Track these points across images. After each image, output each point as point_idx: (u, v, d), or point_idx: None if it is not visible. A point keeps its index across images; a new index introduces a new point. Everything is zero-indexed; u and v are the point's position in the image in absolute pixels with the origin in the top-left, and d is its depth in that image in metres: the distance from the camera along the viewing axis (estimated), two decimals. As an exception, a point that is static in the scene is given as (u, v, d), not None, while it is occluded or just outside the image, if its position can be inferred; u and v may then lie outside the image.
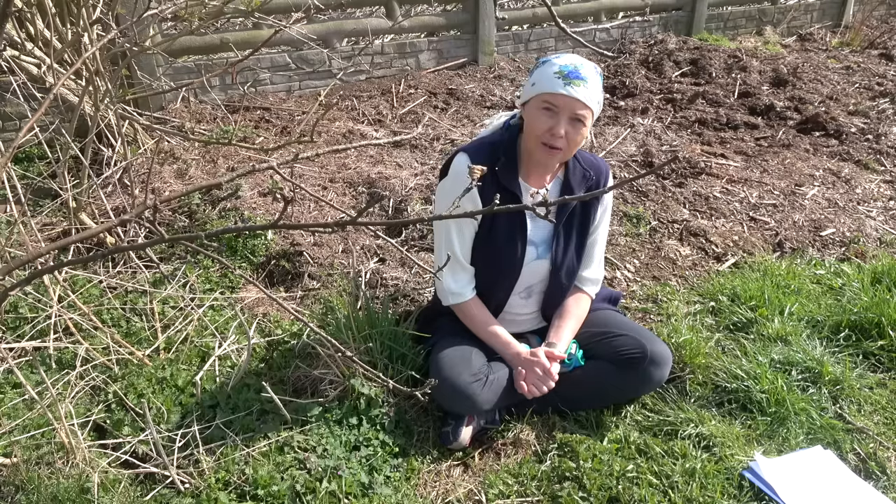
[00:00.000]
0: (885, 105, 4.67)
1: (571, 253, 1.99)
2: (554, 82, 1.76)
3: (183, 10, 2.80)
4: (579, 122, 1.77)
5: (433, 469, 1.86)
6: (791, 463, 1.82)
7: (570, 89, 1.74)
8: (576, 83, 1.74)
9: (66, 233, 2.76)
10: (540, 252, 1.97)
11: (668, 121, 4.38)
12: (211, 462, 1.76)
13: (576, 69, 1.76)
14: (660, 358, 1.93)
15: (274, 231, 2.83)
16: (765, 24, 6.70)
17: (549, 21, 5.49)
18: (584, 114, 1.77)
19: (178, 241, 1.70)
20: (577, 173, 1.94)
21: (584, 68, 1.78)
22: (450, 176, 1.91)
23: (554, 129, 1.77)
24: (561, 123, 1.77)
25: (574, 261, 2.00)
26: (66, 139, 2.44)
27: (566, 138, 1.78)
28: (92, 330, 2.22)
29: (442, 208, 1.96)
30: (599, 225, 2.02)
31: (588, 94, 1.76)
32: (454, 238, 1.94)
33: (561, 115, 1.77)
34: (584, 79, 1.75)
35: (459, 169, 1.88)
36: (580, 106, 1.76)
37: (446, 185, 1.92)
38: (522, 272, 1.96)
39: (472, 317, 2.01)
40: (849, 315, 2.38)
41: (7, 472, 1.71)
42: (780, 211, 3.24)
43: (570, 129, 1.78)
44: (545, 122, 1.78)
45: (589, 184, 1.95)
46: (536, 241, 1.97)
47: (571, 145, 1.81)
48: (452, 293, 1.98)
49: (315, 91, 4.62)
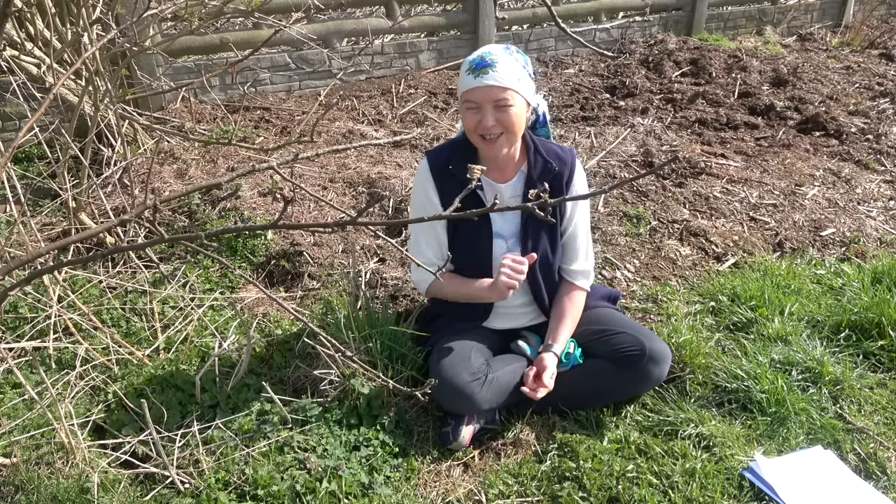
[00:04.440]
0: (885, 105, 4.67)
1: (545, 245, 1.99)
2: (467, 80, 1.80)
3: (183, 10, 2.80)
4: (505, 105, 1.79)
5: (433, 469, 1.86)
6: (791, 463, 1.82)
7: (481, 79, 1.77)
8: (483, 72, 1.77)
9: (65, 233, 2.76)
10: (510, 245, 1.99)
11: (668, 121, 4.38)
12: (211, 462, 1.76)
13: (482, 58, 1.78)
14: (658, 355, 1.93)
15: (274, 231, 2.83)
16: (765, 24, 6.70)
17: (549, 21, 5.49)
18: (505, 96, 1.78)
19: (178, 241, 1.70)
20: (538, 166, 1.95)
21: (492, 53, 1.79)
22: (415, 181, 2.04)
23: (481, 122, 1.80)
24: (487, 115, 1.79)
25: (549, 253, 2.01)
26: (65, 139, 2.44)
27: (500, 124, 1.81)
28: (92, 330, 2.22)
29: (414, 212, 2.07)
30: (573, 217, 2.01)
31: (499, 76, 1.77)
32: (422, 241, 2.02)
33: (483, 107, 1.80)
34: (490, 64, 1.77)
35: (421, 173, 1.99)
36: (496, 91, 1.77)
37: (415, 188, 2.03)
38: (494, 264, 1.98)
39: (447, 286, 2.03)
40: (849, 315, 2.38)
41: (7, 472, 1.71)
42: (781, 211, 3.24)
43: (500, 114, 1.80)
44: (472, 119, 1.82)
45: (551, 175, 1.95)
46: (505, 234, 1.99)
47: (509, 128, 1.82)
48: (416, 281, 2.12)
49: (315, 91, 4.62)
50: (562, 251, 2.04)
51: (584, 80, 5.15)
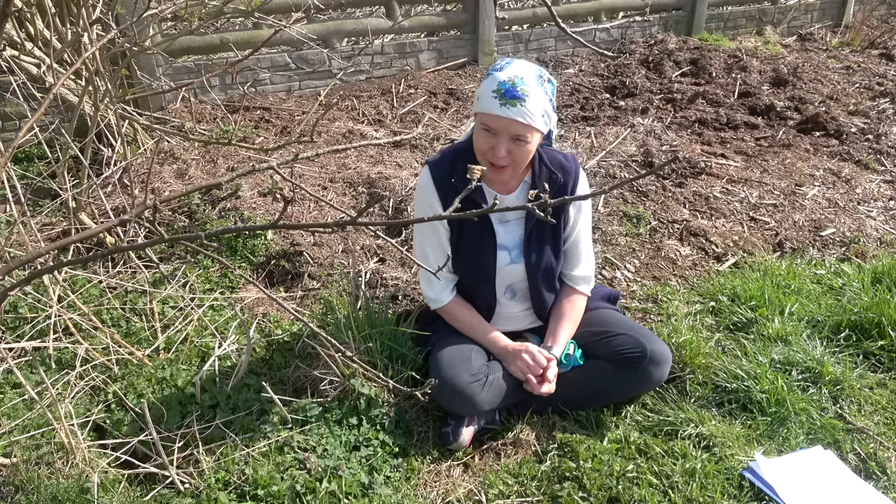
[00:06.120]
0: (885, 105, 4.67)
1: (548, 255, 1.98)
2: (491, 102, 1.71)
3: (183, 10, 2.80)
4: (523, 141, 1.74)
5: (433, 469, 1.86)
6: (791, 463, 1.82)
7: (507, 110, 1.69)
8: (512, 103, 1.68)
9: (65, 233, 2.76)
10: (514, 256, 1.97)
11: (668, 121, 4.38)
12: (211, 462, 1.76)
13: (514, 86, 1.69)
14: (659, 357, 1.93)
15: (274, 231, 2.83)
16: (765, 24, 6.70)
17: (549, 21, 5.49)
18: (524, 133, 1.72)
19: (178, 241, 1.70)
20: (542, 176, 1.92)
21: (525, 83, 1.70)
22: (416, 191, 1.99)
23: (494, 149, 1.75)
24: (501, 145, 1.74)
25: (552, 262, 1.99)
26: (65, 139, 2.44)
27: (510, 156, 1.76)
28: (92, 330, 2.22)
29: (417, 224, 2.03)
30: (576, 224, 2.00)
31: (527, 112, 1.69)
32: (427, 248, 1.98)
33: (500, 136, 1.74)
34: (521, 97, 1.68)
35: (423, 183, 1.95)
36: (518, 127, 1.71)
37: (418, 199, 1.99)
38: (498, 275, 1.97)
39: (456, 318, 2.03)
40: (849, 315, 2.38)
41: (7, 472, 1.71)
42: (781, 211, 3.24)
43: (513, 147, 1.75)
44: (485, 143, 1.77)
45: (556, 186, 1.92)
46: (508, 246, 1.97)
47: (518, 161, 1.79)
48: (431, 300, 2.03)
49: (315, 91, 4.62)
50: (563, 258, 2.04)
51: (584, 79, 5.15)
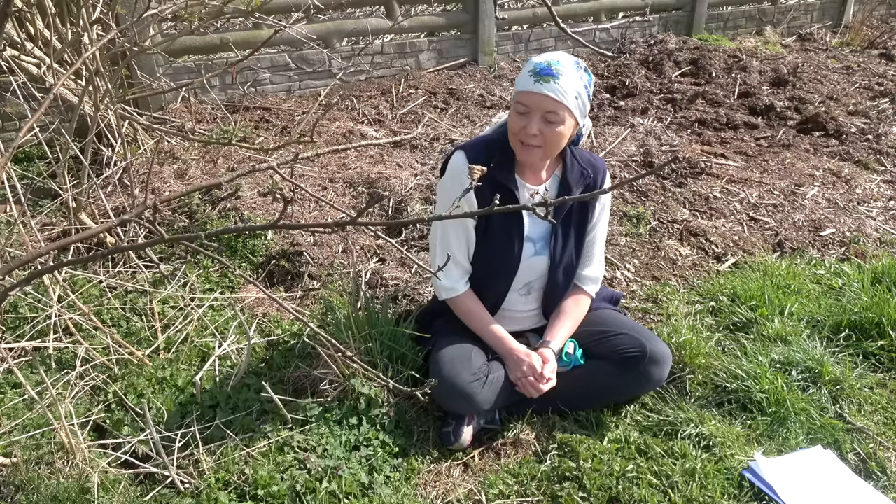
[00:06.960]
0: (885, 105, 4.67)
1: (570, 250, 1.98)
2: (525, 80, 1.77)
3: (183, 10, 2.80)
4: (554, 120, 1.76)
5: (433, 469, 1.86)
6: (791, 463, 1.82)
7: (539, 86, 1.73)
8: (545, 80, 1.73)
9: (66, 233, 2.76)
10: (538, 248, 1.97)
11: (668, 121, 4.38)
12: (211, 462, 1.76)
13: (548, 66, 1.74)
14: (659, 357, 1.93)
15: (274, 231, 2.83)
16: (765, 24, 6.70)
17: (549, 21, 5.49)
18: (557, 109, 1.74)
19: (178, 241, 1.70)
20: (574, 171, 1.94)
21: (560, 63, 1.75)
22: (447, 174, 1.92)
23: (526, 128, 1.77)
24: (533, 123, 1.76)
25: (573, 258, 2.00)
26: (66, 139, 2.44)
27: (542, 136, 1.78)
28: (92, 330, 2.22)
29: (442, 206, 1.97)
30: (598, 223, 2.02)
31: (559, 88, 1.73)
32: (450, 236, 1.95)
33: (532, 114, 1.76)
34: (555, 74, 1.73)
35: (457, 166, 1.89)
36: (550, 102, 1.74)
37: (446, 183, 1.94)
38: (520, 268, 1.96)
39: (467, 311, 2.01)
40: (849, 315, 2.38)
41: (7, 472, 1.71)
42: (780, 211, 3.24)
43: (544, 126, 1.77)
44: (518, 122, 1.79)
45: (587, 182, 1.94)
46: (534, 238, 1.97)
47: (550, 143, 1.80)
48: (445, 288, 2.00)
49: (315, 91, 4.61)
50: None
51: (584, 80, 5.14)
